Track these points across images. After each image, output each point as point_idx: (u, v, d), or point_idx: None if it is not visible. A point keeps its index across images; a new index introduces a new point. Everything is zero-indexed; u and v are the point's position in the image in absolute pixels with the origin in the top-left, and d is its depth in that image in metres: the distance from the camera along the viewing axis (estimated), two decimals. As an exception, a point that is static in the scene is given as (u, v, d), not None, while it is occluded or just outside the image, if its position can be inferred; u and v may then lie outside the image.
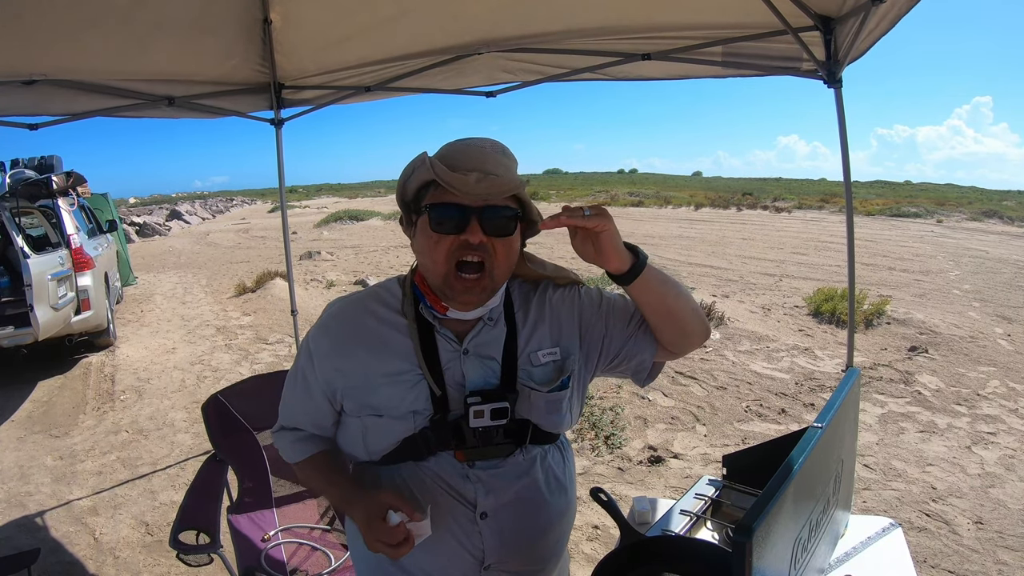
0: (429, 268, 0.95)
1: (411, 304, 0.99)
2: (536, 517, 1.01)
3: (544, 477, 1.02)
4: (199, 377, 5.13)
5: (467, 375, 0.97)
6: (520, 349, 1.00)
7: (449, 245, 0.91)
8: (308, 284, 9.15)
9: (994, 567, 2.50)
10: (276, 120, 3.33)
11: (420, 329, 0.97)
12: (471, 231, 0.90)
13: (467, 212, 0.90)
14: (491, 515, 0.97)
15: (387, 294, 1.03)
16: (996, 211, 23.01)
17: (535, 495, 1.01)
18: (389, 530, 0.88)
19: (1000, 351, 5.61)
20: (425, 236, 0.93)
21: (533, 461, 1.01)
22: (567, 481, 1.07)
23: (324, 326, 1.02)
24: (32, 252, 4.87)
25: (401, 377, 0.96)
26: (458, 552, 0.97)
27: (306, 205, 34.27)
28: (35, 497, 3.20)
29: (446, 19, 2.61)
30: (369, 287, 1.07)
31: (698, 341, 1.07)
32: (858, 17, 1.89)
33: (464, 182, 0.88)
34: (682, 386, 4.57)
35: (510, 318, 1.02)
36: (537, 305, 1.05)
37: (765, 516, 0.73)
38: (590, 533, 2.72)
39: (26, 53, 2.29)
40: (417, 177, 0.94)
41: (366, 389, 0.96)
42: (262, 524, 2.00)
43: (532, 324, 1.03)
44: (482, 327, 1.00)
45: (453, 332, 0.98)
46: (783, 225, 18.65)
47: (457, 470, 0.97)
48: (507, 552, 0.99)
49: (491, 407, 0.94)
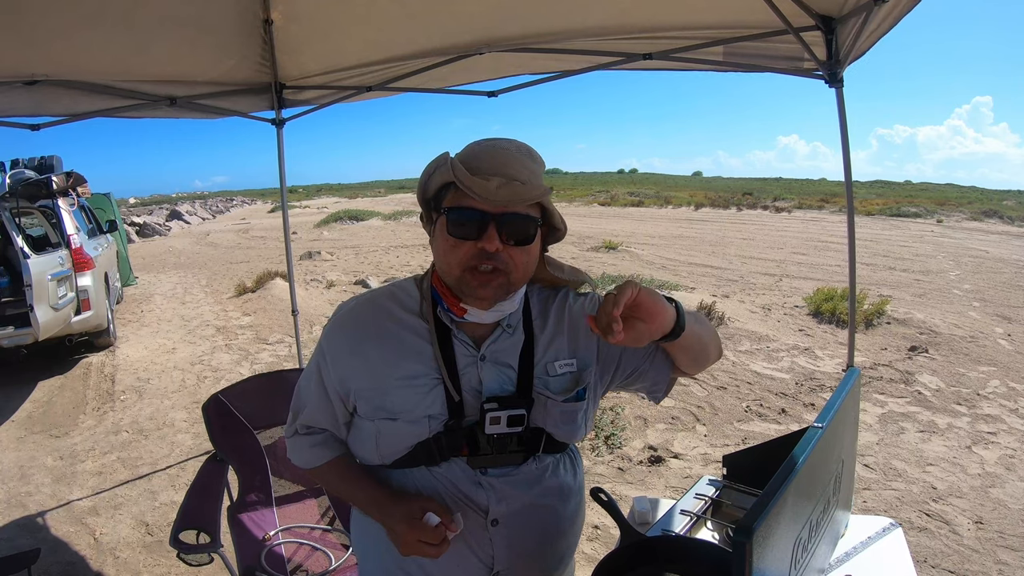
0: (444, 269, 0.94)
1: (429, 306, 0.98)
2: (546, 525, 1.01)
3: (556, 486, 1.02)
4: (199, 377, 5.13)
5: (484, 381, 0.96)
6: (537, 358, 0.99)
7: (466, 251, 0.89)
8: (308, 284, 9.15)
9: (994, 567, 2.50)
10: (277, 120, 3.33)
11: (439, 333, 0.96)
12: (488, 238, 0.88)
13: (486, 218, 0.88)
14: (502, 522, 0.97)
15: (404, 294, 1.01)
16: (996, 211, 23.02)
17: (546, 503, 1.00)
18: (431, 530, 0.89)
19: (1000, 351, 5.61)
20: (442, 238, 0.92)
21: (545, 469, 1.01)
22: (577, 490, 1.07)
23: (340, 325, 1.00)
24: (32, 252, 4.87)
25: (417, 381, 0.94)
26: (468, 558, 0.97)
27: (306, 205, 34.28)
28: (35, 497, 3.20)
29: (447, 19, 2.61)
30: (385, 286, 1.05)
31: (714, 363, 1.09)
32: (860, 17, 1.89)
33: (484, 187, 0.86)
34: (682, 386, 4.57)
35: (527, 326, 1.01)
36: (556, 314, 1.04)
37: (765, 516, 0.73)
38: (590, 533, 2.72)
39: (27, 53, 2.29)
40: (438, 177, 0.92)
41: (380, 391, 0.95)
42: (262, 524, 2.00)
43: (550, 333, 1.02)
44: (500, 333, 0.98)
45: (470, 337, 0.97)
46: (783, 225, 18.66)
47: (469, 476, 0.96)
48: (516, 559, 0.99)
49: (508, 414, 0.94)
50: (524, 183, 0.89)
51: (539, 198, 0.90)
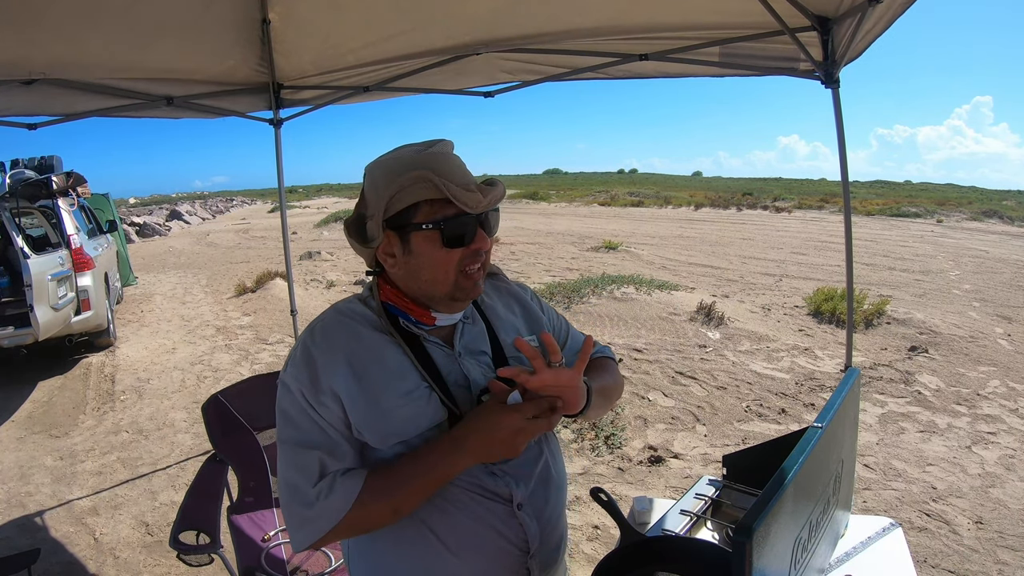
0: (434, 279, 0.93)
1: (387, 322, 0.97)
2: (555, 493, 1.04)
3: (552, 452, 1.06)
4: (199, 377, 5.13)
5: (469, 374, 0.97)
6: (503, 339, 1.04)
7: (459, 256, 0.92)
8: (308, 284, 9.15)
9: (994, 567, 2.50)
10: (275, 120, 3.34)
11: (408, 343, 0.96)
12: (479, 239, 0.92)
13: (476, 221, 0.92)
14: (526, 503, 0.98)
15: (359, 317, 0.97)
16: (996, 211, 23.04)
17: (550, 472, 1.03)
18: (532, 404, 0.87)
19: (1000, 351, 5.61)
20: (431, 251, 0.90)
21: (540, 441, 1.04)
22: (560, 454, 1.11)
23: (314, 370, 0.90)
24: (32, 252, 4.87)
25: (412, 395, 0.93)
26: (504, 548, 0.96)
27: (306, 205, 34.29)
28: (35, 497, 3.20)
29: (444, 20, 2.61)
30: (329, 315, 0.98)
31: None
32: (855, 17, 1.89)
33: (476, 200, 0.89)
34: (682, 386, 4.57)
35: (480, 313, 1.05)
36: (498, 297, 1.10)
37: (765, 516, 0.73)
38: (590, 533, 2.72)
39: (25, 52, 2.29)
40: (409, 196, 0.88)
41: (382, 417, 0.91)
42: (262, 524, 2.00)
43: (503, 314, 1.07)
44: (463, 327, 1.01)
45: (440, 338, 0.99)
46: (783, 225, 18.66)
47: (483, 470, 0.95)
48: (544, 534, 1.00)
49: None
50: (496, 186, 0.94)
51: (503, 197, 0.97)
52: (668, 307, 6.64)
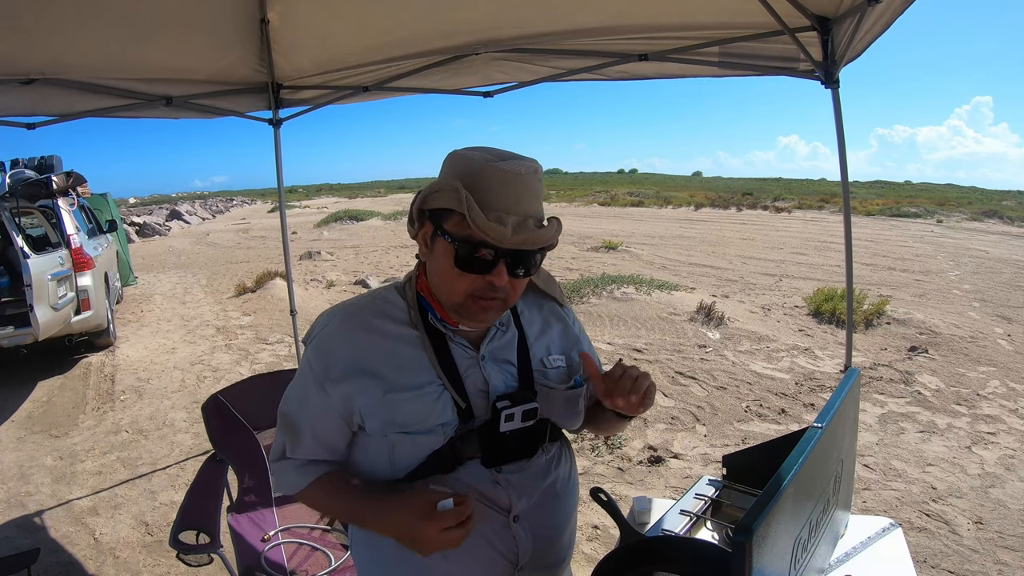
0: (444, 292, 0.93)
1: (418, 314, 0.96)
2: (559, 512, 1.03)
3: (563, 472, 1.05)
4: (199, 377, 5.13)
5: (490, 380, 0.96)
6: (533, 352, 1.02)
7: (471, 282, 0.88)
8: (308, 284, 9.15)
9: (994, 567, 2.50)
10: (274, 120, 3.33)
11: (432, 339, 0.95)
12: (497, 273, 0.87)
13: (496, 255, 0.86)
14: (523, 517, 0.97)
15: (388, 305, 0.98)
16: (996, 211, 23.05)
17: (557, 491, 1.03)
18: (453, 514, 0.86)
19: (1000, 351, 5.61)
20: (446, 264, 0.89)
21: (552, 458, 1.03)
22: (575, 474, 1.10)
23: (326, 349, 0.94)
24: (32, 252, 4.87)
25: (423, 391, 0.92)
26: (493, 557, 0.97)
27: (306, 205, 34.26)
28: (35, 497, 3.20)
29: (444, 19, 2.61)
30: (363, 297, 1.01)
31: None
32: (854, 17, 1.89)
33: (501, 233, 0.83)
34: (682, 386, 4.57)
35: (517, 323, 1.03)
36: (538, 311, 1.08)
37: (765, 516, 0.73)
38: (590, 533, 2.72)
39: (24, 52, 2.29)
40: (443, 200, 0.87)
41: (389, 407, 0.92)
42: (262, 524, 2.00)
43: (538, 329, 1.05)
44: (495, 332, 0.99)
45: (467, 339, 0.97)
46: (783, 225, 18.67)
47: (487, 477, 0.96)
48: (537, 551, 1.00)
49: (522, 409, 0.94)
50: (537, 221, 0.88)
51: (551, 245, 0.92)
52: (668, 307, 6.64)
